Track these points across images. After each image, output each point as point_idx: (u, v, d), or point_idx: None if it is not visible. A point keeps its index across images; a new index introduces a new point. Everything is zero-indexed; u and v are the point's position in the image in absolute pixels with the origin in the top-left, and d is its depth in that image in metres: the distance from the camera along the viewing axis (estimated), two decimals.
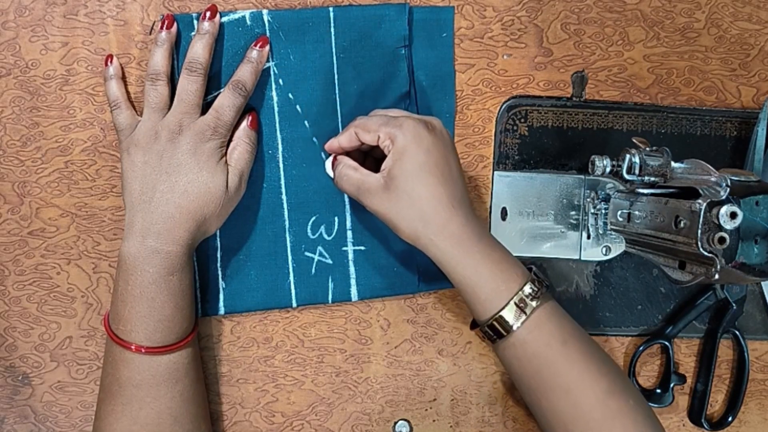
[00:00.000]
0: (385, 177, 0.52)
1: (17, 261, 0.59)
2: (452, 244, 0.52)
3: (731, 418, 0.64)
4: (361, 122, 0.55)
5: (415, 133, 0.52)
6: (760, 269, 0.49)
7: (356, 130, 0.54)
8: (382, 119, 0.53)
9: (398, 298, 0.62)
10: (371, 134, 0.53)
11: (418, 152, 0.51)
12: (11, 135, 0.57)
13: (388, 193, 0.52)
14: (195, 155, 0.53)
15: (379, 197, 0.52)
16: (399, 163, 0.51)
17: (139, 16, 0.57)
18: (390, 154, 0.52)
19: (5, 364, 0.60)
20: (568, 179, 0.62)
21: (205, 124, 0.54)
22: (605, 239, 0.62)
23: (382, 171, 0.53)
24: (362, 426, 0.63)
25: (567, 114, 0.62)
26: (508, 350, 0.53)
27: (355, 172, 0.54)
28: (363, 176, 0.54)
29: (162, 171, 0.53)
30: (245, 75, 0.56)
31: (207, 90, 0.55)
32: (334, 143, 0.56)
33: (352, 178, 0.54)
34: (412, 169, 0.51)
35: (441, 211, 0.52)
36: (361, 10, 0.58)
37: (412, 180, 0.51)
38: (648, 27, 0.62)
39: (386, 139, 0.52)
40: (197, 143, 0.53)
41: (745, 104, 0.63)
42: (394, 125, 0.52)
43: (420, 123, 0.52)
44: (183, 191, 0.53)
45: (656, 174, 0.53)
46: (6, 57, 0.57)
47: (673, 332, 0.63)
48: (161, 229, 0.52)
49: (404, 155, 0.51)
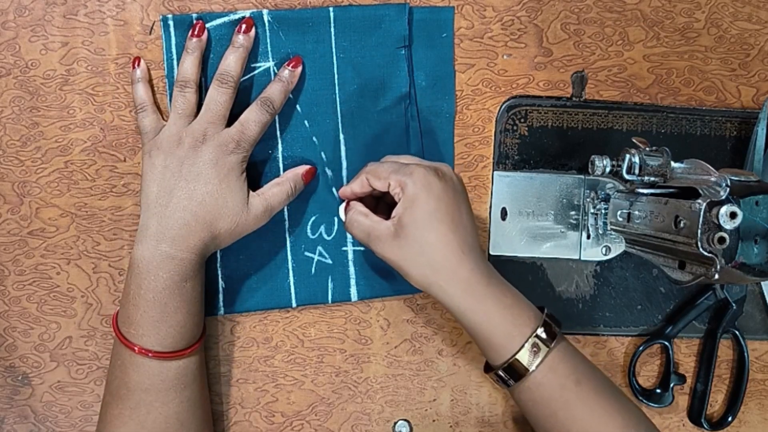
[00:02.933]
0: (395, 224, 0.52)
1: (17, 261, 0.59)
2: (462, 290, 0.52)
3: (731, 418, 0.64)
4: (372, 168, 0.54)
5: (425, 181, 0.51)
6: (760, 269, 0.49)
7: (367, 176, 0.54)
8: (393, 166, 0.53)
9: (398, 298, 0.62)
10: (382, 181, 0.53)
11: (428, 200, 0.51)
12: (11, 135, 0.57)
13: (398, 241, 0.52)
14: (216, 167, 0.53)
15: (389, 245, 0.52)
16: (409, 211, 0.51)
17: (139, 16, 0.57)
18: (400, 201, 0.52)
19: (5, 364, 0.60)
20: (568, 179, 0.62)
21: (229, 137, 0.54)
22: (605, 239, 0.62)
23: (392, 218, 0.52)
24: (362, 426, 0.63)
25: (567, 114, 0.62)
26: (523, 393, 0.53)
27: (365, 218, 0.54)
28: (373, 223, 0.53)
29: (181, 177, 0.53)
30: (275, 93, 0.56)
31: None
32: (347, 190, 0.56)
33: (363, 224, 0.54)
34: (422, 216, 0.51)
35: (451, 258, 0.51)
36: (361, 10, 0.58)
37: (422, 228, 0.51)
38: (648, 27, 0.62)
39: (396, 187, 0.52)
40: (219, 155, 0.53)
41: (745, 104, 0.63)
42: (404, 173, 0.52)
43: (430, 170, 0.52)
44: (200, 201, 0.53)
45: (656, 174, 0.53)
46: (6, 57, 0.57)
47: (673, 332, 0.63)
48: (176, 235, 0.52)
49: (414, 203, 0.51)
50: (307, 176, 0.58)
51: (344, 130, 0.59)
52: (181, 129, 0.54)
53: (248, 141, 0.54)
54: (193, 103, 0.55)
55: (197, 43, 0.56)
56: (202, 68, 0.57)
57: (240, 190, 0.54)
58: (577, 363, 0.53)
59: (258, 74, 0.58)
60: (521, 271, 0.62)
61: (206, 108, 0.54)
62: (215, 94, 0.54)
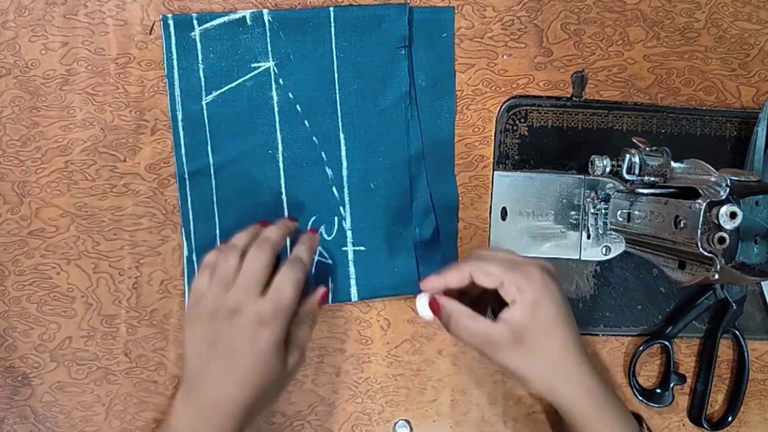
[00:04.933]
0: (514, 329, 0.50)
1: (17, 261, 0.59)
2: (587, 397, 0.51)
3: (731, 418, 0.64)
4: (479, 265, 0.52)
5: (544, 284, 0.50)
6: (760, 269, 0.49)
7: (473, 272, 0.51)
8: (504, 264, 0.51)
9: (398, 298, 0.62)
10: (492, 279, 0.51)
11: (550, 305, 0.50)
12: (11, 135, 0.57)
13: (519, 347, 0.50)
14: (252, 343, 0.50)
15: (509, 351, 0.50)
16: (531, 316, 0.50)
17: (139, 16, 0.57)
18: (518, 305, 0.50)
19: (5, 365, 0.60)
20: (568, 179, 0.62)
21: (264, 308, 0.50)
22: (605, 239, 0.62)
23: (507, 321, 0.50)
24: (362, 426, 0.63)
25: (567, 114, 0.62)
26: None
27: (475, 322, 0.51)
28: (487, 327, 0.51)
29: (217, 353, 0.50)
30: (301, 251, 0.55)
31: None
32: (439, 282, 0.53)
33: (473, 329, 0.51)
34: (545, 322, 0.50)
35: (575, 364, 0.51)
36: (361, 10, 0.58)
37: (546, 333, 0.50)
38: (648, 27, 0.62)
39: (512, 287, 0.50)
40: (255, 330, 0.50)
41: (745, 104, 0.63)
42: (521, 274, 0.50)
43: (546, 272, 0.51)
44: (236, 379, 0.50)
45: (656, 174, 0.53)
46: (6, 57, 0.57)
47: (673, 332, 0.63)
48: (211, 416, 0.50)
49: (537, 308, 0.50)
50: (323, 300, 0.56)
51: (344, 130, 0.59)
52: (218, 297, 0.51)
53: (286, 308, 0.51)
54: (234, 270, 0.52)
55: (256, 227, 0.55)
56: (201, 71, 0.57)
57: (278, 362, 0.51)
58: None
59: (258, 74, 0.58)
60: None
61: (243, 274, 0.51)
62: (252, 258, 0.52)
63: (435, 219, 0.61)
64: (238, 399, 0.50)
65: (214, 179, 0.59)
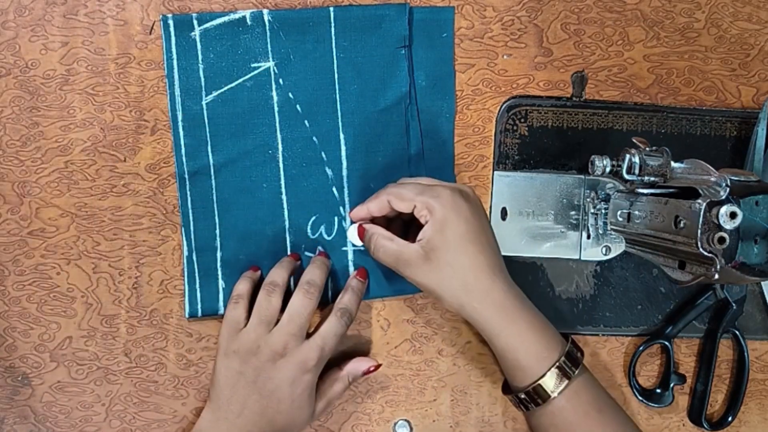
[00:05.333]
0: (425, 247, 0.52)
1: (17, 261, 0.59)
2: (495, 311, 0.52)
3: (731, 418, 0.64)
4: (394, 191, 0.54)
5: (454, 203, 0.51)
6: (760, 269, 0.49)
7: (389, 198, 0.54)
8: (417, 188, 0.53)
9: (398, 298, 0.62)
10: (406, 203, 0.53)
11: (458, 222, 0.51)
12: (11, 135, 0.57)
13: (430, 264, 0.52)
14: (292, 386, 0.53)
15: (420, 268, 0.52)
16: (439, 234, 0.51)
17: (139, 16, 0.57)
18: (429, 224, 0.52)
19: (5, 364, 0.60)
20: (568, 179, 0.62)
21: (309, 353, 0.53)
22: (605, 239, 0.62)
23: (420, 241, 0.52)
24: (362, 426, 0.63)
25: (567, 114, 0.62)
26: (544, 417, 0.53)
27: (391, 242, 0.54)
28: (401, 247, 0.53)
29: (256, 390, 0.53)
30: (350, 302, 0.56)
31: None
32: (362, 210, 0.56)
33: (390, 249, 0.54)
34: (453, 239, 0.51)
35: (483, 280, 0.52)
36: (361, 10, 0.58)
37: (454, 250, 0.51)
38: (648, 27, 0.62)
39: (423, 209, 0.52)
40: (297, 373, 0.53)
41: (745, 104, 0.63)
42: (431, 195, 0.52)
43: (456, 192, 0.52)
44: (270, 418, 0.53)
45: (656, 174, 0.53)
46: (6, 57, 0.57)
47: (673, 332, 0.63)
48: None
49: (445, 226, 0.51)
50: (367, 373, 0.59)
51: (344, 130, 0.59)
52: (260, 336, 0.53)
53: (327, 357, 0.54)
54: (277, 309, 0.54)
55: (292, 263, 0.57)
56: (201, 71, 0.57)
57: (309, 406, 0.54)
58: (599, 392, 0.54)
59: (258, 74, 0.58)
60: (521, 271, 0.62)
61: (289, 317, 0.54)
62: (299, 305, 0.54)
63: None
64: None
65: (214, 179, 0.59)
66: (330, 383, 0.57)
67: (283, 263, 0.57)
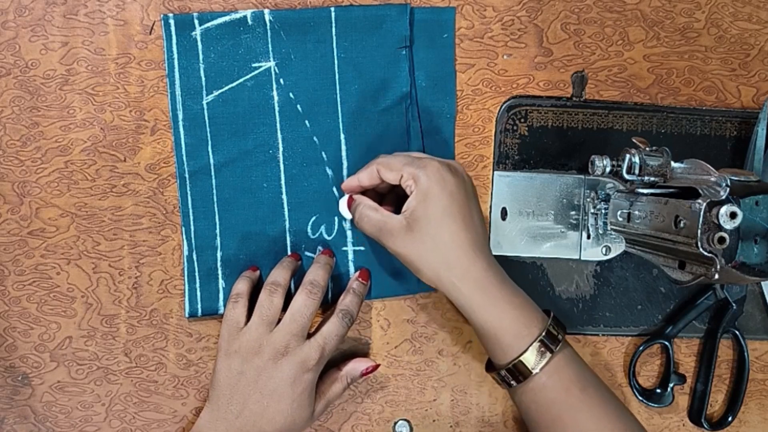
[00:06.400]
0: (408, 218, 0.52)
1: (17, 261, 0.59)
2: (475, 288, 0.52)
3: (731, 418, 0.64)
4: (383, 160, 0.54)
5: (439, 175, 0.51)
6: (760, 269, 0.49)
7: (378, 167, 0.54)
8: (406, 159, 0.53)
9: (398, 298, 0.62)
10: (394, 173, 0.53)
11: (441, 195, 0.51)
12: (11, 135, 0.57)
13: (411, 235, 0.52)
14: (293, 385, 0.53)
15: (402, 239, 0.52)
16: (422, 205, 0.51)
17: (139, 16, 0.57)
18: (413, 194, 0.52)
19: (5, 364, 0.60)
20: (568, 179, 0.62)
21: (310, 353, 0.54)
22: (605, 239, 0.62)
23: (404, 212, 0.52)
24: (362, 426, 0.63)
25: (567, 114, 0.62)
26: (526, 395, 0.53)
27: (375, 212, 0.54)
28: (384, 217, 0.53)
29: (257, 389, 0.53)
30: (351, 304, 0.57)
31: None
32: (353, 181, 0.56)
33: (373, 218, 0.54)
34: (435, 212, 0.51)
35: (463, 256, 0.52)
36: (362, 10, 0.58)
37: (436, 223, 0.51)
38: (648, 27, 0.62)
39: (409, 179, 0.52)
40: (298, 373, 0.53)
41: (745, 104, 0.63)
42: (417, 166, 0.52)
43: (443, 165, 0.52)
44: (270, 418, 0.53)
45: (656, 174, 0.53)
46: (6, 57, 0.57)
47: (673, 332, 0.63)
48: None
49: (428, 197, 0.51)
50: (366, 374, 0.59)
51: (345, 130, 0.59)
52: (262, 336, 0.53)
53: (327, 357, 0.55)
54: (279, 309, 0.55)
55: (293, 263, 0.57)
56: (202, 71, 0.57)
57: (309, 406, 0.55)
58: (582, 369, 0.53)
59: (259, 74, 0.58)
60: (521, 271, 0.62)
61: (291, 317, 0.54)
62: (302, 304, 0.54)
63: None
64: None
65: (215, 179, 0.59)
66: (329, 384, 0.57)
67: (284, 263, 0.57)
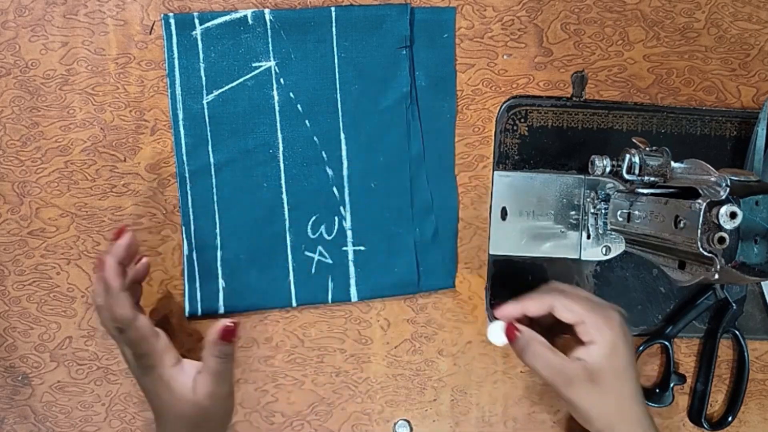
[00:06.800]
0: (589, 369, 0.51)
1: (17, 261, 0.59)
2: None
3: (731, 418, 0.64)
4: (564, 301, 0.53)
5: (623, 329, 0.52)
6: (760, 269, 0.49)
7: (556, 305, 0.53)
8: (587, 304, 0.52)
9: (398, 298, 0.62)
10: (574, 315, 0.52)
11: (626, 350, 0.52)
12: (11, 135, 0.57)
13: (593, 386, 0.51)
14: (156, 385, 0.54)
15: (581, 389, 0.52)
16: (608, 359, 0.51)
17: (139, 16, 0.57)
18: (596, 346, 0.51)
19: (5, 364, 0.60)
20: (568, 179, 0.62)
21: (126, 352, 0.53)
22: (605, 239, 0.62)
23: (581, 360, 0.52)
24: (362, 426, 0.63)
25: (567, 114, 0.62)
26: None
27: (554, 355, 0.52)
28: (564, 362, 0.52)
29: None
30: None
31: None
32: (516, 308, 0.54)
33: (551, 361, 0.52)
34: (620, 366, 0.52)
35: (635, 407, 0.53)
36: (362, 10, 0.58)
37: (622, 378, 0.52)
38: (648, 27, 0.62)
39: (592, 328, 0.51)
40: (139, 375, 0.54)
41: (745, 104, 0.63)
42: (602, 316, 0.52)
43: (623, 317, 0.53)
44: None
45: (656, 174, 0.53)
46: (6, 57, 0.57)
47: (673, 332, 0.63)
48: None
49: (614, 352, 0.51)
50: (225, 335, 0.52)
51: (345, 130, 0.59)
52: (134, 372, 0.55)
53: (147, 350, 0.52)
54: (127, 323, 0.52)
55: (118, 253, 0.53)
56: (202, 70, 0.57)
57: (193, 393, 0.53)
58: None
59: (259, 73, 0.58)
60: (521, 271, 0.62)
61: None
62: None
63: (435, 219, 0.61)
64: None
65: (215, 178, 0.59)
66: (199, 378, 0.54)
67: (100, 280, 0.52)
